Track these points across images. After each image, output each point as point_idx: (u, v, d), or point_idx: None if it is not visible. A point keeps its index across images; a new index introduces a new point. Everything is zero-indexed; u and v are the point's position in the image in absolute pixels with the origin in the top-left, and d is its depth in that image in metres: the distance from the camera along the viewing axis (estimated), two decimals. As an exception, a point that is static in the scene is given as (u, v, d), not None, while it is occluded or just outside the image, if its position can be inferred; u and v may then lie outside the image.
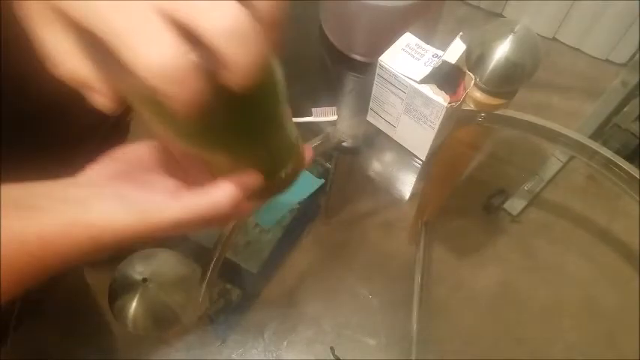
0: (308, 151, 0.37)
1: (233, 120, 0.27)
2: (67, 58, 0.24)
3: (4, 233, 0.25)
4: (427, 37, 0.64)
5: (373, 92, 0.67)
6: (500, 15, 1.75)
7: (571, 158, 0.80)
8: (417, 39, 0.63)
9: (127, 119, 0.63)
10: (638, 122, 1.18)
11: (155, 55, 0.20)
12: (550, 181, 0.81)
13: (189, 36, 0.21)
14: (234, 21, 0.21)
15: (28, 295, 0.28)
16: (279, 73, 0.28)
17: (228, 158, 0.31)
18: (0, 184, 0.27)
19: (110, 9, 0.20)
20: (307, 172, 0.74)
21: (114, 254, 0.47)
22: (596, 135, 1.15)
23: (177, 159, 0.35)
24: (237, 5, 0.21)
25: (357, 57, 0.80)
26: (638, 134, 1.18)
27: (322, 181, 0.75)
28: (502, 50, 0.65)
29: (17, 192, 0.27)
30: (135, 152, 0.34)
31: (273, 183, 0.34)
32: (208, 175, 0.33)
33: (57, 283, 0.59)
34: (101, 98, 0.25)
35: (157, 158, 0.34)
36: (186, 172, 0.35)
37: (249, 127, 0.28)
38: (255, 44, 0.22)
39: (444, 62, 0.59)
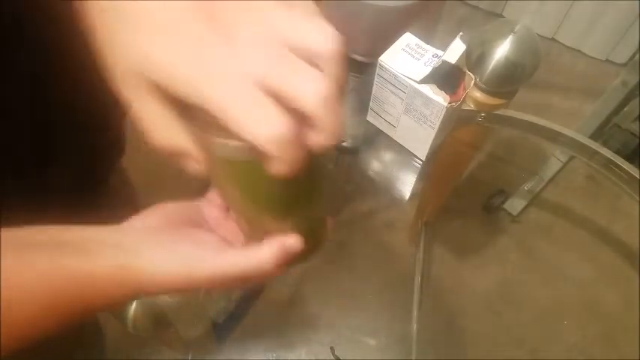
0: (331, 222, 0.38)
1: (302, 185, 0.29)
2: (164, 129, 0.25)
3: (59, 269, 0.26)
4: (427, 37, 0.63)
5: (373, 92, 0.67)
6: (500, 15, 1.75)
7: (571, 158, 0.79)
8: (417, 39, 0.63)
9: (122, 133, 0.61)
10: (638, 122, 1.18)
11: (267, 129, 0.22)
12: (550, 181, 0.81)
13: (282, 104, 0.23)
14: (328, 91, 0.23)
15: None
16: None
17: (281, 221, 0.32)
18: (52, 226, 0.28)
19: (209, 84, 0.22)
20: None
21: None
22: (596, 135, 1.15)
23: (233, 218, 0.36)
24: (324, 76, 0.24)
25: (357, 57, 0.80)
26: (638, 134, 1.18)
27: (322, 181, 0.75)
28: (502, 50, 0.65)
29: (70, 234, 0.28)
30: (183, 209, 0.35)
31: (307, 248, 0.35)
32: (248, 233, 0.34)
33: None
34: (196, 164, 0.27)
35: (202, 216, 0.35)
36: (225, 230, 0.36)
37: (311, 192, 0.31)
38: (339, 107, 0.24)
39: (444, 62, 0.58)
